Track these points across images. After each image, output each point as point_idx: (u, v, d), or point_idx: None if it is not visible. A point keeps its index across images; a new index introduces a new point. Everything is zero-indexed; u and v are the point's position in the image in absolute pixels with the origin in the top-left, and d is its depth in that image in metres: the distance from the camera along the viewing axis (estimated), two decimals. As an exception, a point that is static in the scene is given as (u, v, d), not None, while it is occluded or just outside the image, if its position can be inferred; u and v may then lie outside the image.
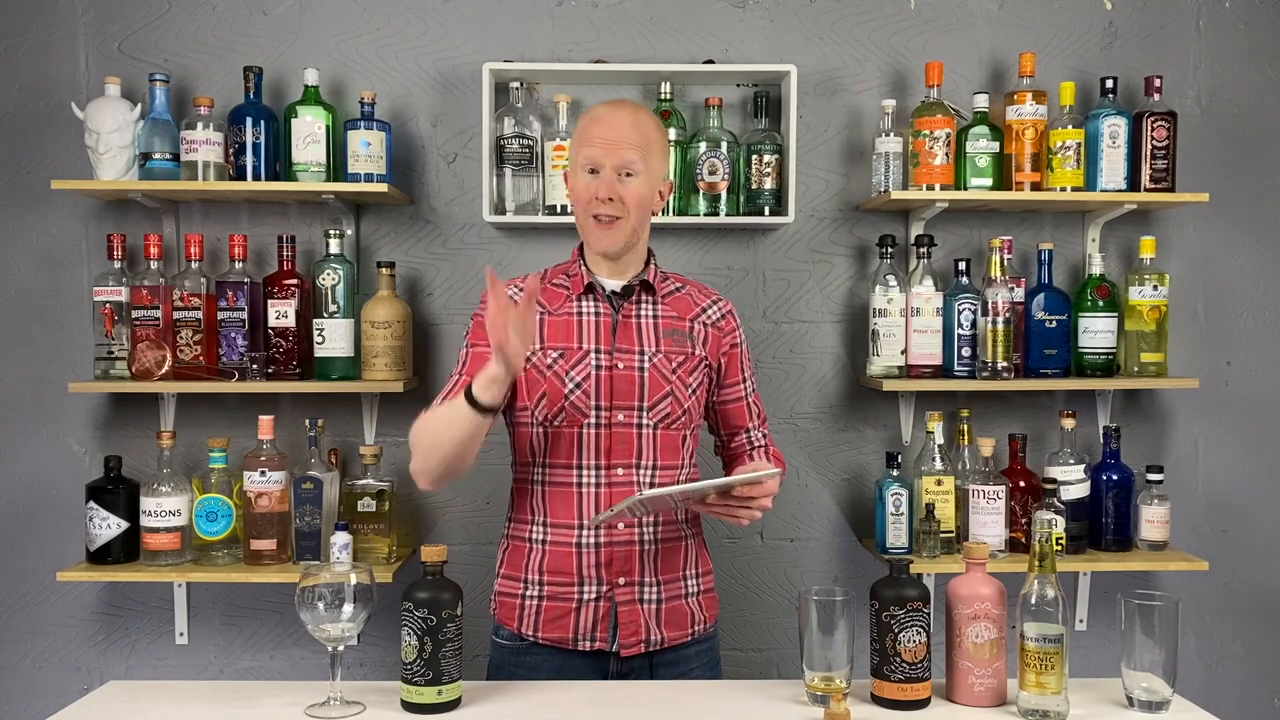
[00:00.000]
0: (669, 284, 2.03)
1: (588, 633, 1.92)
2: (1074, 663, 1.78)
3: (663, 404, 1.92)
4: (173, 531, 2.50)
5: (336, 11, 2.70)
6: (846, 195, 2.76)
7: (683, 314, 1.99)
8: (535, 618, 1.93)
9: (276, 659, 2.75)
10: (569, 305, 1.95)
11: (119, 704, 1.76)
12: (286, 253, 2.58)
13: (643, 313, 1.97)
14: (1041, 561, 1.64)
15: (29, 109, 2.68)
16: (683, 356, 1.96)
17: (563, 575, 1.92)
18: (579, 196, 1.91)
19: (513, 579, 1.97)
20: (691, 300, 2.02)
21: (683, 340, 1.97)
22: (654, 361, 1.93)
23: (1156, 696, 1.67)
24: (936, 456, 2.57)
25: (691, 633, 1.98)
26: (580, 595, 1.92)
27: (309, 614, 1.66)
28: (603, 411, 1.90)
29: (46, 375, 2.70)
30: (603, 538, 1.91)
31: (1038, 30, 2.76)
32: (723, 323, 2.03)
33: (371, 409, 2.69)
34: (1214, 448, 2.83)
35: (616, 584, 1.91)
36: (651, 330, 1.95)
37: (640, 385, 1.91)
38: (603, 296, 1.95)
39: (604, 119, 1.91)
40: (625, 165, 1.88)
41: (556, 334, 1.93)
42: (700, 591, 2.01)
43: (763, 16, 2.74)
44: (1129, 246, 2.77)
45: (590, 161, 1.89)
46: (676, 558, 1.97)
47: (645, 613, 1.93)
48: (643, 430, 1.91)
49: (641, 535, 1.93)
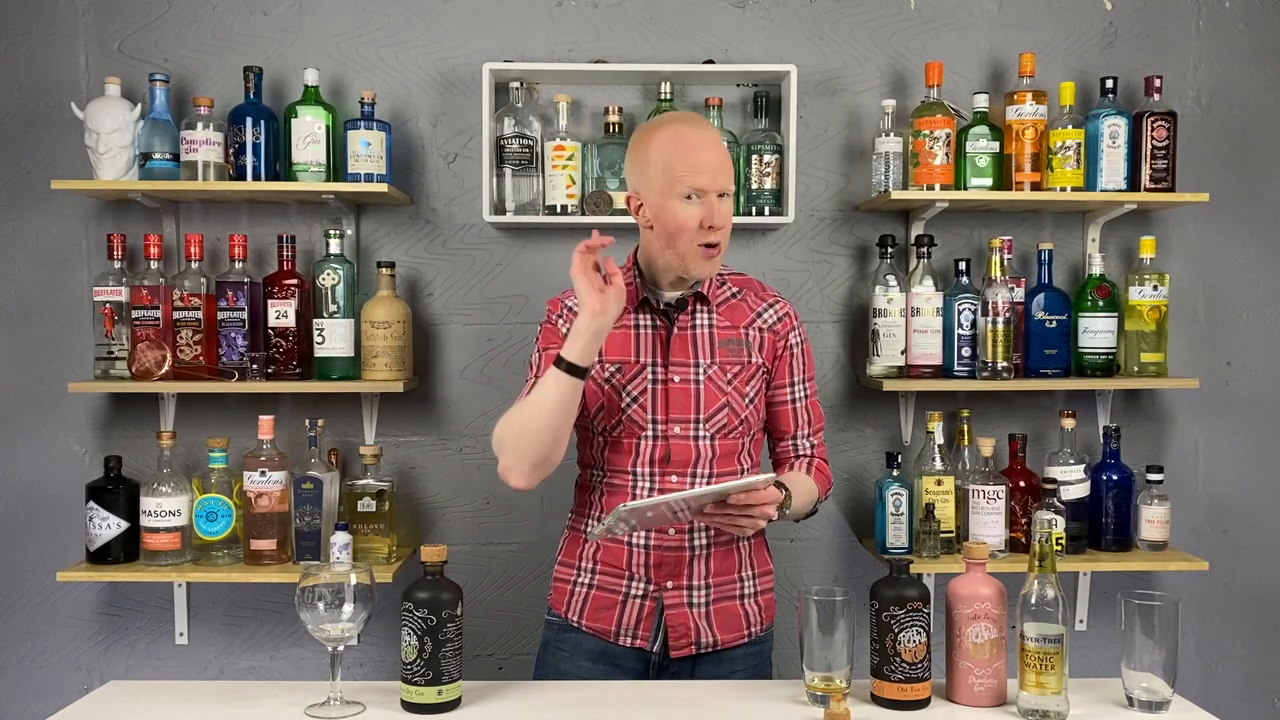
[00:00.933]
0: (725, 290, 2.00)
1: (630, 629, 1.93)
2: (1074, 663, 1.78)
3: (719, 415, 1.93)
4: (173, 531, 2.50)
5: (336, 11, 2.70)
6: (846, 195, 2.76)
7: (737, 322, 1.98)
8: (583, 604, 1.96)
9: (276, 659, 2.75)
10: (627, 318, 1.94)
11: (119, 704, 1.76)
12: (286, 253, 2.58)
13: (698, 323, 1.95)
14: (1041, 561, 1.64)
15: (29, 109, 2.68)
16: (738, 366, 1.95)
17: (613, 567, 1.95)
18: (682, 225, 1.84)
19: (568, 565, 2.01)
20: (747, 306, 2.00)
21: (738, 349, 1.96)
22: (709, 374, 1.93)
23: (1156, 696, 1.67)
24: (936, 456, 2.57)
25: (747, 634, 1.98)
26: (627, 590, 1.94)
27: (309, 614, 1.66)
28: (659, 424, 1.91)
29: (46, 375, 2.70)
30: (653, 540, 1.92)
31: (1038, 30, 2.76)
32: (779, 325, 2.00)
33: (371, 409, 2.69)
34: (1214, 448, 2.83)
35: (665, 587, 1.93)
36: (706, 341, 1.95)
37: (696, 398, 1.92)
38: (658, 309, 1.95)
39: (699, 144, 1.86)
40: (724, 189, 1.86)
41: (615, 347, 1.93)
42: (757, 592, 2.00)
43: (763, 16, 2.74)
44: (1129, 246, 2.77)
45: (693, 189, 1.83)
46: (730, 559, 1.97)
47: (695, 615, 1.94)
48: (700, 441, 1.92)
49: (693, 541, 1.93)
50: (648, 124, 1.97)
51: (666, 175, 1.85)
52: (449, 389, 2.75)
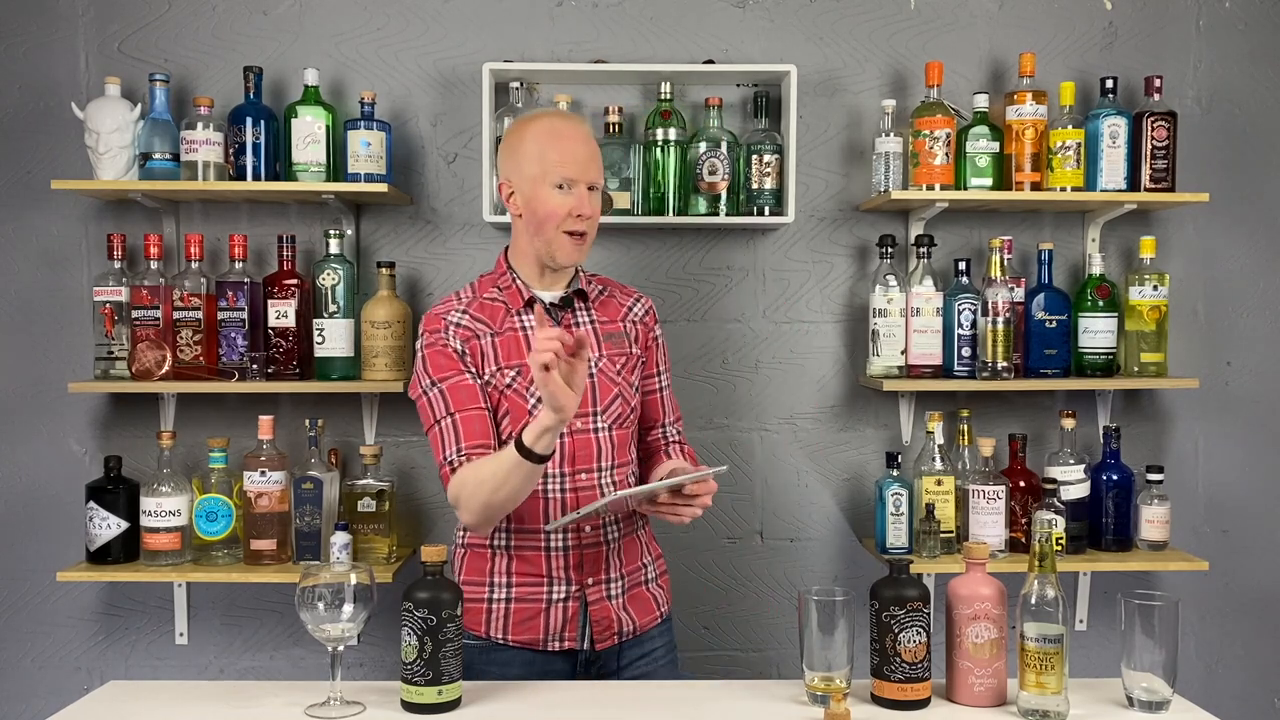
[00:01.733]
0: (594, 287, 2.07)
1: (557, 633, 1.95)
2: (1074, 663, 1.78)
3: (614, 406, 1.98)
4: (173, 531, 2.50)
5: (336, 11, 2.70)
6: (846, 195, 2.76)
7: (614, 317, 2.05)
8: (504, 620, 1.95)
9: (276, 659, 2.75)
10: (511, 321, 1.97)
11: (119, 704, 1.76)
12: (286, 253, 2.58)
13: (580, 321, 2.01)
14: (1041, 561, 1.64)
15: (29, 109, 2.68)
16: (624, 358, 2.01)
17: (532, 576, 1.95)
18: (552, 212, 1.91)
19: (476, 584, 1.98)
20: (617, 302, 2.08)
21: (621, 341, 2.03)
22: (600, 366, 1.98)
23: (1156, 696, 1.67)
24: (936, 456, 2.57)
25: (657, 615, 2.04)
26: (550, 595, 1.95)
27: (309, 614, 1.66)
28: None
29: (46, 375, 2.70)
30: (571, 540, 1.94)
31: (1038, 30, 2.76)
32: (646, 318, 2.09)
33: (371, 409, 2.69)
34: (1214, 448, 2.83)
35: (586, 584, 1.95)
36: (592, 337, 1.99)
37: (593, 391, 1.96)
38: (542, 309, 1.97)
39: (572, 136, 1.94)
40: (594, 181, 1.94)
41: (509, 352, 1.95)
42: (656, 576, 2.08)
43: (763, 16, 2.74)
44: (1129, 246, 2.77)
45: (564, 179, 1.90)
46: (635, 548, 2.03)
47: (615, 606, 1.97)
48: (599, 434, 1.96)
49: (607, 536, 1.97)
50: (523, 116, 2.05)
51: (540, 164, 1.91)
52: (449, 389, 2.74)
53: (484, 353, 1.94)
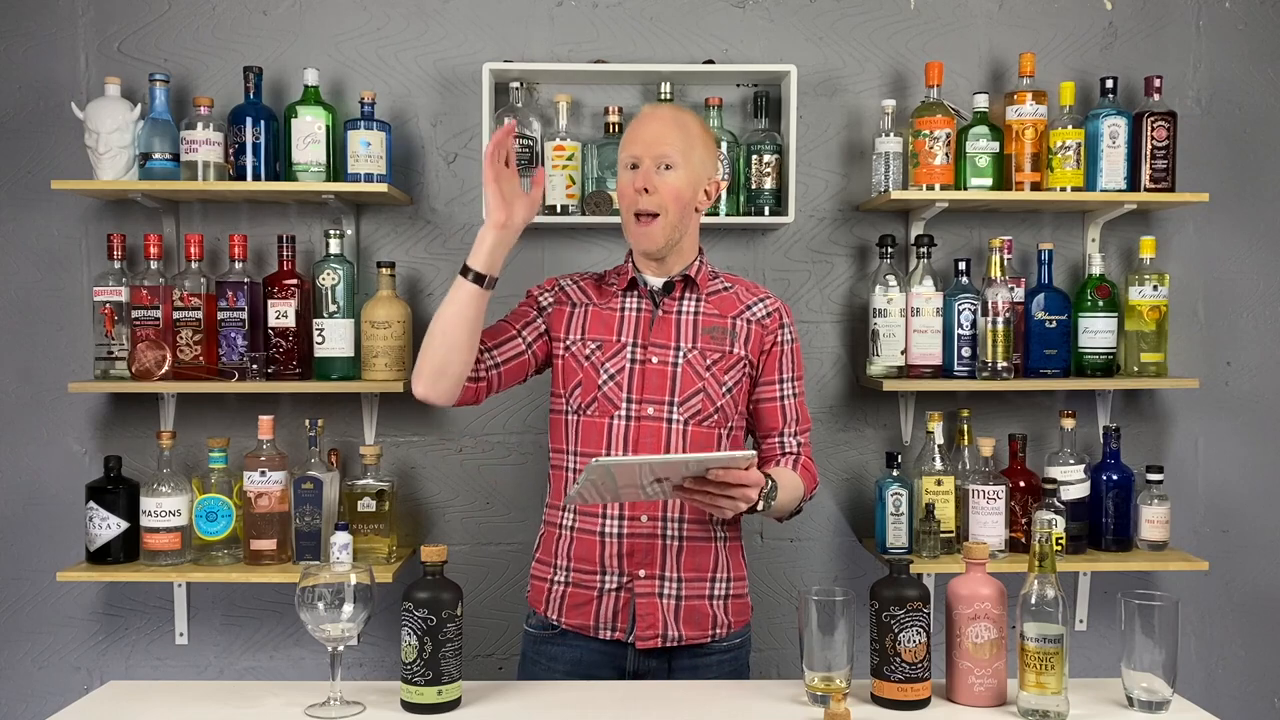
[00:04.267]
0: (717, 282, 2.05)
1: (608, 622, 1.95)
2: (1074, 663, 1.78)
3: (694, 400, 1.94)
4: (173, 531, 2.50)
5: (336, 11, 2.70)
6: (846, 195, 2.76)
7: (725, 312, 2.01)
8: (560, 603, 1.98)
9: (276, 659, 2.75)
10: (614, 300, 2.01)
11: (119, 704, 1.76)
12: (286, 253, 2.58)
13: (683, 309, 1.99)
14: (1041, 561, 1.64)
15: (29, 109, 2.68)
16: (719, 354, 1.97)
17: (587, 563, 1.96)
18: (622, 194, 1.96)
19: (545, 564, 2.02)
20: (737, 299, 2.04)
21: (722, 337, 1.98)
22: (688, 357, 1.96)
23: (1156, 696, 1.67)
24: (936, 456, 2.57)
25: (711, 635, 1.99)
26: (602, 584, 1.95)
27: (309, 614, 1.66)
28: (633, 404, 1.93)
29: (46, 375, 2.70)
30: (625, 529, 1.93)
31: (1038, 30, 2.76)
32: (768, 320, 2.03)
33: (371, 409, 2.69)
34: (1214, 448, 2.83)
35: (636, 575, 1.94)
36: (690, 326, 1.98)
37: (672, 380, 1.94)
38: (645, 293, 2.00)
39: (646, 116, 1.98)
40: (663, 158, 1.92)
41: (598, 326, 1.99)
42: (728, 595, 2.01)
43: (763, 16, 2.74)
44: (1129, 246, 2.77)
45: (631, 158, 1.93)
46: (705, 557, 1.98)
47: (664, 607, 1.95)
48: (673, 425, 1.93)
49: (665, 530, 1.94)
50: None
51: (619, 151, 1.98)
52: (449, 389, 2.74)
53: (573, 319, 2.00)
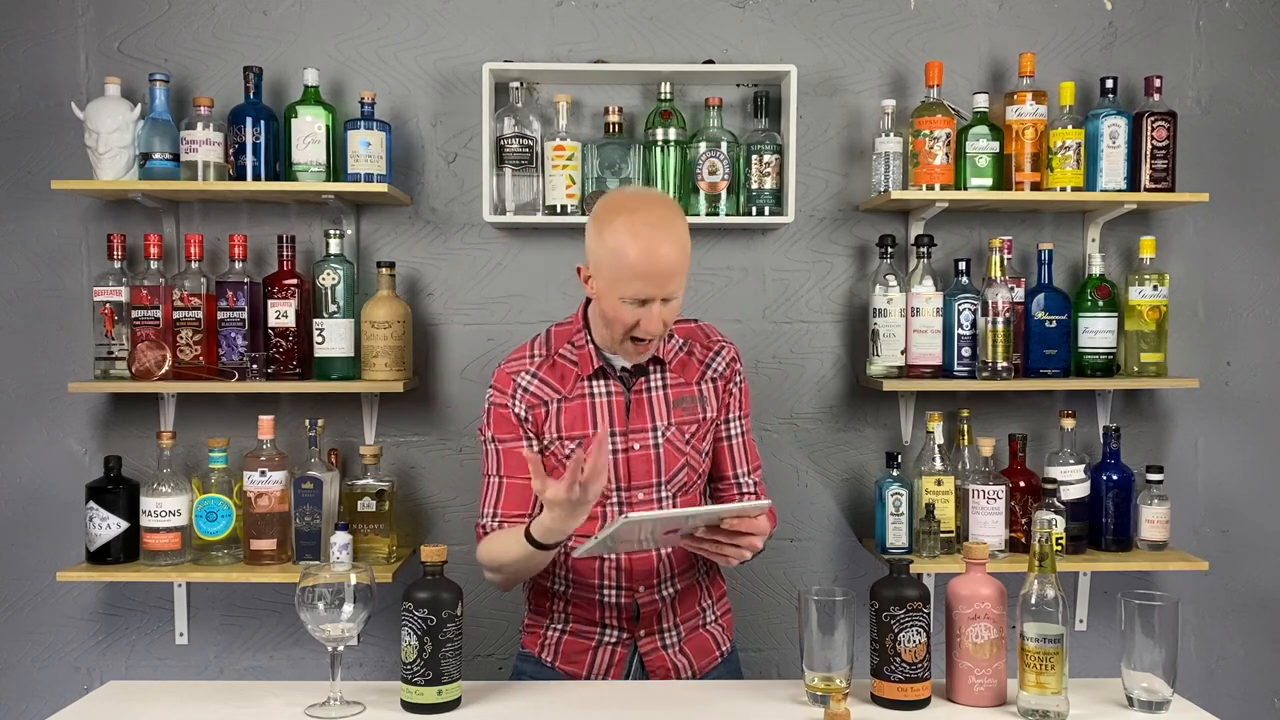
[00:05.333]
0: (674, 344, 1.98)
1: (602, 671, 1.96)
2: (1074, 663, 1.78)
3: (679, 475, 1.95)
4: (173, 531, 2.50)
5: (336, 11, 2.70)
6: (846, 195, 2.76)
7: (689, 379, 1.97)
8: (555, 649, 1.99)
9: (276, 659, 2.75)
10: (581, 387, 1.93)
11: (119, 704, 1.76)
12: (286, 253, 2.58)
13: (653, 386, 1.95)
14: (1041, 561, 1.64)
15: (29, 109, 2.68)
16: (694, 425, 1.96)
17: (587, 619, 1.97)
18: (617, 319, 1.81)
19: (539, 612, 2.03)
20: (696, 360, 1.99)
21: (693, 406, 1.96)
22: (667, 435, 1.94)
23: (1156, 696, 1.67)
24: (936, 456, 2.57)
25: (718, 655, 2.03)
26: (600, 637, 1.96)
27: (309, 614, 1.66)
28: (623, 492, 1.92)
29: (46, 375, 2.70)
30: (624, 599, 1.93)
31: (1038, 30, 2.76)
32: (727, 372, 2.00)
33: (371, 409, 2.69)
34: (1214, 448, 2.83)
35: (638, 635, 1.96)
36: (663, 404, 1.95)
37: (657, 462, 1.93)
38: (613, 375, 1.94)
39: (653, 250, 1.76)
40: (672, 294, 1.81)
41: (572, 421, 1.92)
42: (718, 616, 2.05)
43: (763, 16, 2.74)
44: (1129, 246, 2.77)
45: (641, 295, 1.78)
46: (693, 597, 2.01)
47: (671, 654, 1.98)
48: (662, 502, 1.94)
49: (662, 593, 1.96)
50: (612, 200, 1.85)
51: (614, 271, 1.78)
52: (449, 389, 2.75)
53: (549, 420, 1.92)
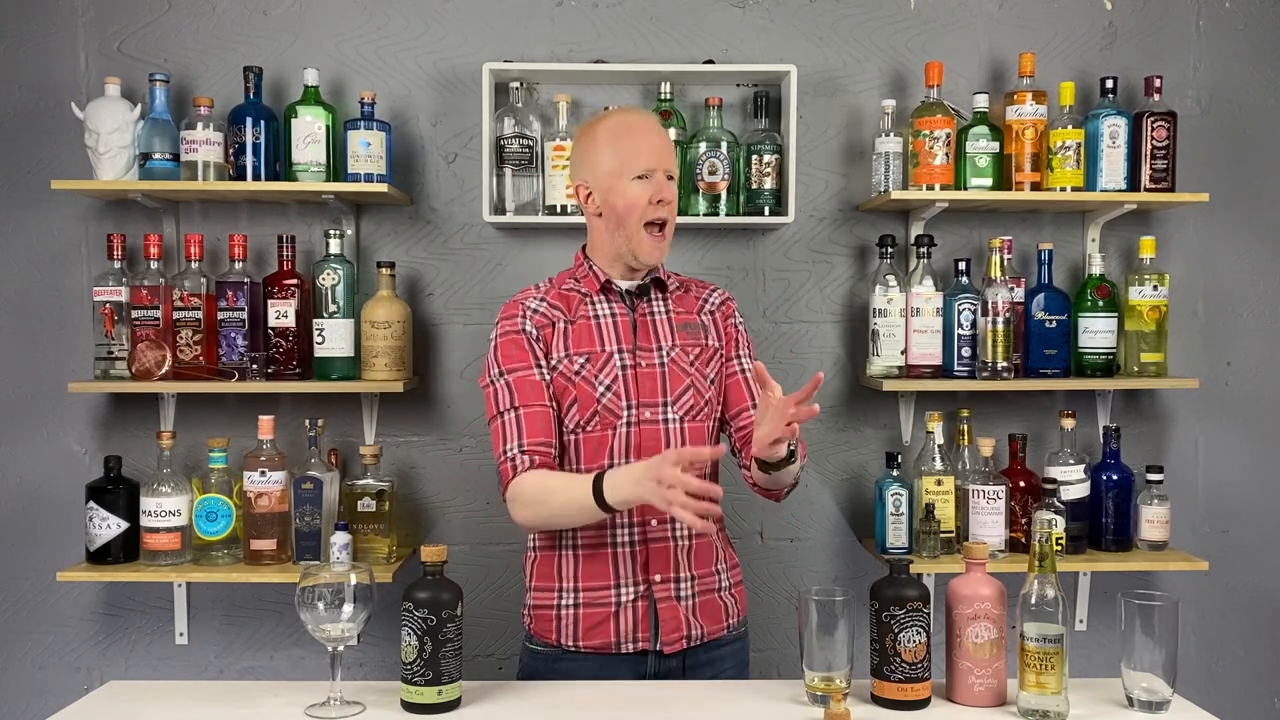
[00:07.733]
0: (672, 281, 2.07)
1: (630, 635, 1.93)
2: (1074, 663, 1.78)
3: (685, 397, 1.95)
4: (173, 531, 2.50)
5: (336, 11, 2.70)
6: (846, 195, 2.76)
7: (689, 308, 2.04)
8: (574, 627, 1.94)
9: (276, 659, 2.75)
10: (585, 308, 1.98)
11: (119, 704, 1.76)
12: (286, 253, 2.58)
13: (656, 310, 2.01)
14: (1041, 561, 1.64)
15: (29, 109, 2.68)
16: (698, 349, 1.99)
17: (598, 580, 1.93)
18: (633, 203, 1.91)
19: (546, 589, 1.97)
20: (694, 295, 2.07)
21: (697, 332, 2.01)
22: (672, 355, 1.97)
23: (1156, 696, 1.67)
24: (936, 456, 2.57)
25: (726, 625, 2.01)
26: (619, 598, 1.93)
27: (309, 614, 1.66)
28: (632, 410, 1.92)
29: (46, 375, 2.70)
30: (637, 535, 1.92)
31: (1038, 30, 2.76)
32: (723, 307, 2.07)
33: (371, 409, 2.69)
34: (1214, 448, 2.83)
35: (654, 581, 1.93)
36: (667, 326, 1.99)
37: (662, 380, 1.94)
38: (617, 296, 1.99)
39: (646, 128, 1.96)
40: (671, 169, 1.95)
41: (580, 340, 1.95)
42: (731, 585, 2.03)
43: (763, 16, 2.74)
44: (1129, 246, 2.77)
45: (643, 169, 1.91)
46: (708, 552, 2.00)
47: (684, 609, 1.95)
48: (669, 424, 1.94)
49: (675, 532, 1.94)
50: (592, 118, 2.04)
51: (617, 159, 1.92)
52: (449, 389, 2.75)
53: (557, 339, 1.95)
